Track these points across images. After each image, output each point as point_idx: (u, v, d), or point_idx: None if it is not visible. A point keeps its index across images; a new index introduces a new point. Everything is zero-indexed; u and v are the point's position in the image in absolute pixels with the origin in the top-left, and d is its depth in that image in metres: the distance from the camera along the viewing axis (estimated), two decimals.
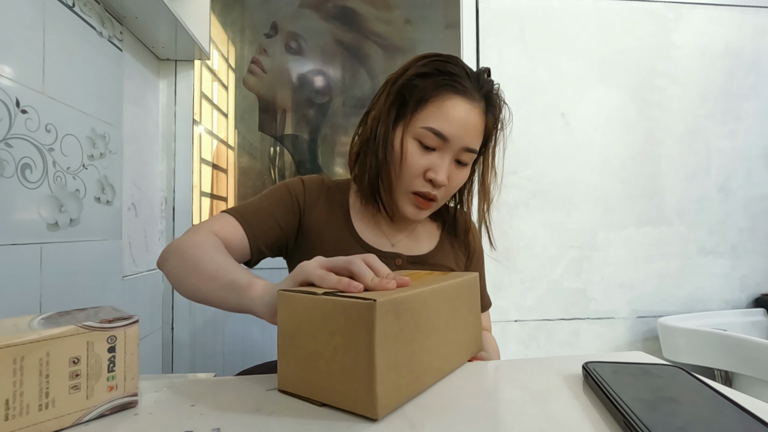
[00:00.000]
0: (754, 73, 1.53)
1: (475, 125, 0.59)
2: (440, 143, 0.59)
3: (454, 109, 0.58)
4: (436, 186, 0.60)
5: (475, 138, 0.60)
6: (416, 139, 0.59)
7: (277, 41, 1.40)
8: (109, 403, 0.33)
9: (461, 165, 0.62)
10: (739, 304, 1.51)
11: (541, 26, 1.45)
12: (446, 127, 0.58)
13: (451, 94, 0.58)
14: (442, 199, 0.63)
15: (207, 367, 1.28)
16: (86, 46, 0.86)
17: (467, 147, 0.60)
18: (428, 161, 0.59)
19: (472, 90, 0.59)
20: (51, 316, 0.34)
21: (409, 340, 0.35)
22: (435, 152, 0.59)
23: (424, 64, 0.60)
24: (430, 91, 0.58)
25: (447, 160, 0.59)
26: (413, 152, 0.59)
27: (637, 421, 0.28)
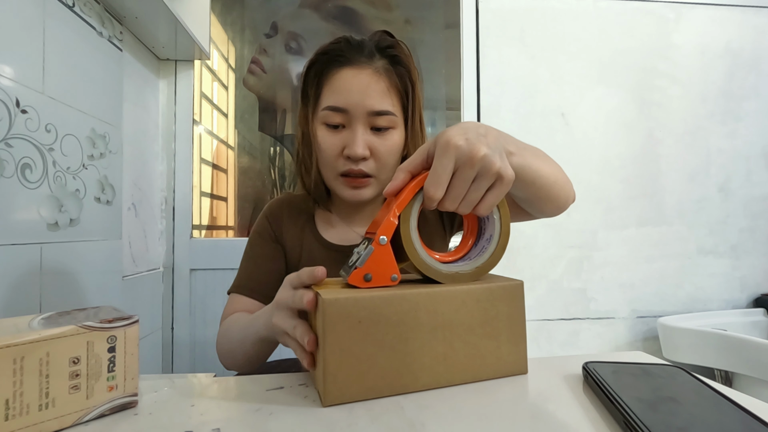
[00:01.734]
0: (754, 73, 1.53)
1: (369, 85, 0.57)
2: (344, 118, 0.58)
3: (342, 80, 0.58)
4: (356, 160, 0.58)
5: (379, 99, 0.57)
6: (323, 123, 0.60)
7: (277, 41, 1.40)
8: (109, 403, 0.33)
9: (381, 131, 0.59)
10: (739, 304, 1.51)
11: (541, 26, 1.45)
12: (340, 99, 0.57)
13: (335, 69, 0.58)
14: (378, 171, 0.60)
15: (207, 367, 1.28)
16: (86, 46, 0.86)
17: (372, 110, 0.57)
18: (341, 139, 0.59)
19: (357, 55, 0.58)
20: (51, 316, 0.34)
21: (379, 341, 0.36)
22: (345, 129, 0.59)
23: (312, 58, 0.62)
24: (320, 75, 0.60)
25: (358, 131, 0.57)
26: (324, 136, 0.59)
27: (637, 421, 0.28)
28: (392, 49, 0.61)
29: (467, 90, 1.42)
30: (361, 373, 0.35)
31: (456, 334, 0.38)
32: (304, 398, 0.36)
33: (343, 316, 0.35)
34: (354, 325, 0.35)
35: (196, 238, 1.31)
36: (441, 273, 0.40)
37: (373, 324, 0.35)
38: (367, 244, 0.38)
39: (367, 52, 0.59)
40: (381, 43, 0.60)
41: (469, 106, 1.42)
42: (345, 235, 0.68)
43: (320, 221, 0.69)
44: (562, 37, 1.45)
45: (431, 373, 0.37)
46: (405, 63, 0.61)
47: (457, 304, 0.38)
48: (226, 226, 1.40)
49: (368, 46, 0.60)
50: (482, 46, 1.43)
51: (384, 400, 0.36)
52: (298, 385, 0.40)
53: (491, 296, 0.40)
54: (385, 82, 0.58)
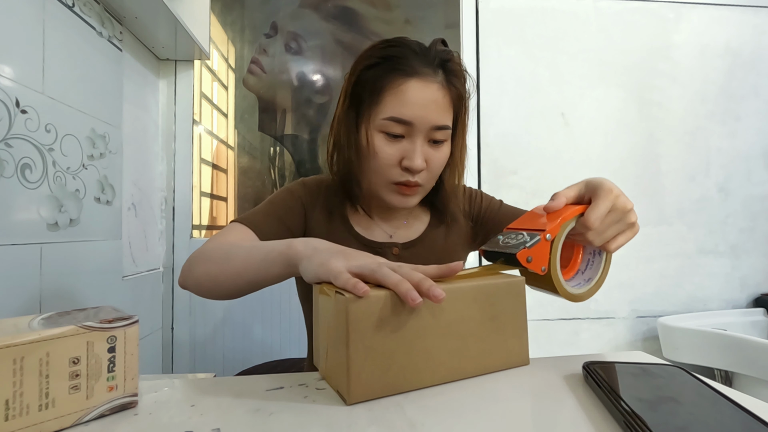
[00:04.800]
0: (753, 72, 1.53)
1: (435, 101, 0.57)
2: (406, 129, 0.57)
3: (409, 92, 0.56)
4: (414, 172, 0.59)
5: (442, 114, 0.58)
6: (381, 131, 0.58)
7: (277, 41, 1.40)
8: (109, 403, 0.33)
9: (437, 143, 0.60)
10: (739, 303, 1.51)
11: (541, 26, 1.45)
12: (406, 112, 0.56)
13: (402, 78, 0.57)
14: (427, 182, 0.62)
15: (207, 367, 1.28)
16: (86, 46, 0.86)
17: (435, 125, 0.58)
18: (399, 150, 0.58)
19: (423, 66, 0.57)
20: (51, 317, 0.34)
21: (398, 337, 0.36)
22: (404, 139, 0.58)
23: (369, 56, 0.59)
24: (381, 81, 0.57)
25: (419, 143, 0.58)
26: (381, 145, 0.58)
27: (637, 421, 0.28)
28: (451, 62, 0.60)
29: None
30: (383, 370, 0.36)
31: (468, 329, 0.40)
32: (304, 398, 0.36)
33: (366, 314, 0.35)
34: (375, 323, 0.35)
35: (196, 238, 1.31)
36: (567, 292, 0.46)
37: (392, 321, 0.36)
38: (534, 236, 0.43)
39: (433, 64, 0.58)
40: (442, 55, 0.60)
41: None
42: (375, 232, 0.68)
43: (353, 217, 0.69)
44: (562, 37, 1.45)
45: (447, 367, 0.39)
46: (462, 77, 0.61)
47: (468, 301, 0.40)
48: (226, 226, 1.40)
49: (433, 59, 0.59)
50: (482, 46, 1.43)
51: (384, 399, 0.36)
52: (298, 385, 0.40)
53: (498, 292, 0.42)
54: (447, 96, 0.59)
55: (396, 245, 0.67)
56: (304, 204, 0.67)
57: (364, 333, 0.35)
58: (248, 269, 0.48)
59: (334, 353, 0.37)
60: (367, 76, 0.59)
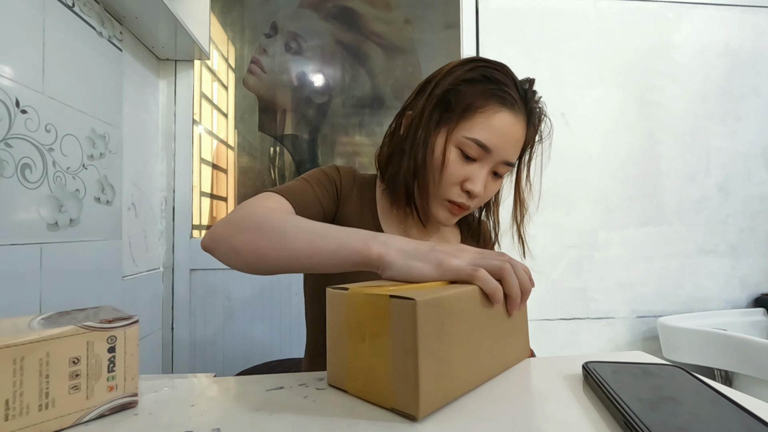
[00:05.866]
0: (753, 72, 1.53)
1: (517, 138, 0.59)
2: (482, 154, 0.58)
3: (501, 122, 0.57)
4: (471, 197, 0.60)
5: (516, 151, 0.60)
6: (458, 147, 0.58)
7: (277, 41, 1.40)
8: (109, 403, 0.33)
9: (497, 176, 0.62)
10: (739, 303, 1.51)
11: (541, 26, 1.45)
12: (491, 140, 0.57)
13: (498, 106, 0.57)
14: (474, 207, 0.63)
15: (207, 367, 1.28)
16: (86, 46, 0.86)
17: (507, 160, 0.59)
18: (468, 171, 0.59)
19: (518, 102, 0.58)
20: (51, 317, 0.34)
21: (452, 341, 0.35)
22: (475, 163, 0.59)
23: (471, 69, 0.58)
24: (477, 100, 0.57)
25: (486, 171, 0.59)
26: (454, 161, 0.58)
27: (637, 421, 0.28)
28: (537, 104, 0.62)
29: None
30: (444, 376, 0.34)
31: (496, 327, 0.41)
32: (304, 398, 0.36)
33: (431, 319, 0.33)
34: (438, 327, 0.33)
35: (196, 238, 1.31)
36: None
37: (448, 325, 0.34)
38: None
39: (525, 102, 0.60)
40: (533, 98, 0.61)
41: None
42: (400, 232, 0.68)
43: (383, 218, 0.68)
44: (562, 37, 1.45)
45: (485, 367, 0.39)
46: (540, 121, 0.63)
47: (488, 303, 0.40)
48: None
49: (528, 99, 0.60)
50: (482, 46, 1.43)
51: None
52: (298, 385, 0.40)
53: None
54: (524, 136, 0.60)
55: None
56: (339, 188, 0.66)
57: (430, 339, 0.32)
58: (312, 256, 0.44)
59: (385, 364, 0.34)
60: (464, 89, 0.58)
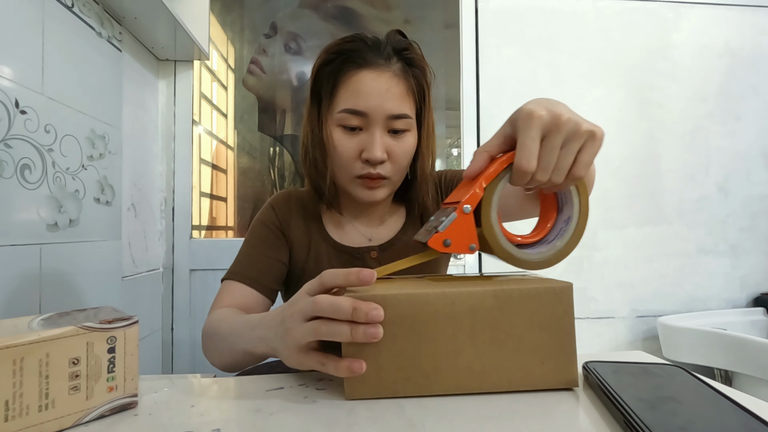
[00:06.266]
0: (753, 72, 1.53)
1: (389, 90, 0.57)
2: (362, 121, 0.57)
3: (361, 83, 0.56)
4: (374, 163, 0.58)
5: (399, 102, 0.57)
6: (339, 125, 0.58)
7: (277, 41, 1.40)
8: (109, 403, 0.33)
9: (398, 133, 0.59)
10: (739, 303, 1.51)
11: (541, 26, 1.45)
12: (360, 103, 0.56)
13: (354, 70, 0.57)
14: (393, 174, 0.60)
15: (207, 368, 1.28)
16: (85, 47, 0.86)
17: (392, 114, 0.57)
18: (358, 142, 0.58)
19: (375, 57, 0.57)
20: (51, 317, 0.34)
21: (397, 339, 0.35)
22: (362, 132, 0.58)
23: (325, 52, 0.60)
24: (336, 75, 0.58)
25: (377, 134, 0.57)
26: (339, 138, 0.58)
27: (638, 420, 0.28)
28: (407, 51, 0.60)
29: (467, 90, 1.42)
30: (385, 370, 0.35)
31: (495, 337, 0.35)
32: (304, 398, 0.36)
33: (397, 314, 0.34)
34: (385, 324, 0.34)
35: (195, 238, 1.31)
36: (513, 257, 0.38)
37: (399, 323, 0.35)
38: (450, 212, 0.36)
39: (386, 54, 0.58)
40: (397, 45, 0.59)
41: (468, 106, 1.42)
42: (353, 236, 0.68)
43: (328, 221, 0.68)
44: (561, 37, 1.45)
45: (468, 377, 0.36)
46: (420, 65, 0.61)
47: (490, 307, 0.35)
48: (226, 226, 1.40)
49: (386, 48, 0.59)
50: (481, 46, 1.43)
51: (384, 400, 0.36)
52: (298, 385, 0.40)
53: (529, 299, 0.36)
54: (403, 85, 0.58)
55: (373, 248, 0.66)
56: (279, 227, 0.67)
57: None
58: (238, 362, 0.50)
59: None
60: (324, 72, 0.59)
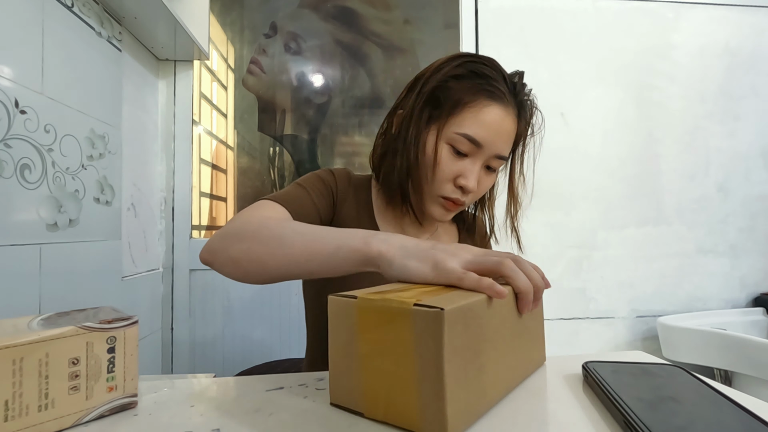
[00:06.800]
0: (753, 72, 1.53)
1: (508, 132, 0.59)
2: (473, 149, 0.58)
3: (490, 116, 0.57)
4: (465, 192, 0.60)
5: (507, 144, 0.60)
6: (449, 143, 0.58)
7: (277, 41, 1.40)
8: (109, 403, 0.33)
9: (490, 170, 0.62)
10: (739, 303, 1.51)
11: (541, 26, 1.45)
12: (481, 134, 0.57)
13: (487, 100, 0.57)
14: (468, 202, 0.63)
15: (207, 368, 1.28)
16: (85, 47, 0.86)
17: (499, 154, 0.59)
18: (460, 167, 0.59)
19: (507, 95, 0.58)
20: (50, 317, 0.34)
21: (477, 352, 0.31)
22: (467, 158, 0.59)
23: (458, 65, 0.59)
24: (466, 95, 0.57)
25: (478, 166, 0.59)
26: (446, 157, 0.58)
27: (637, 420, 0.28)
28: (527, 97, 0.62)
29: None
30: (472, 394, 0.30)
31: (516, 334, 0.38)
32: (304, 398, 0.36)
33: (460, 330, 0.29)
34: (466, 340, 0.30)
35: (195, 238, 1.31)
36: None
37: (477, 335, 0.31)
38: None
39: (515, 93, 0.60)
40: (522, 90, 0.61)
41: None
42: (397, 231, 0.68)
43: (379, 216, 0.67)
44: (561, 36, 1.45)
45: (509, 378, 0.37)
46: (531, 114, 0.63)
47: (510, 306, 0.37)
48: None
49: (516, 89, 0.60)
50: (481, 46, 1.43)
51: None
52: (298, 385, 0.40)
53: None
54: (515, 129, 0.60)
55: None
56: (334, 192, 0.65)
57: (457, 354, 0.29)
58: (311, 259, 0.43)
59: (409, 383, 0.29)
60: (453, 86, 0.58)
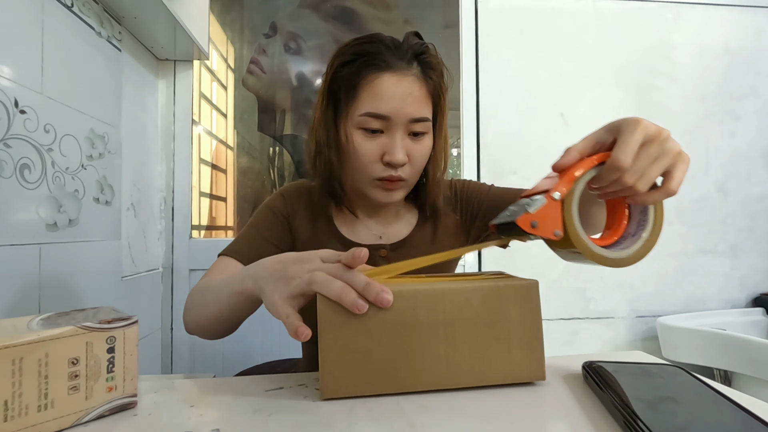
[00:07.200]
0: (752, 72, 1.53)
1: (411, 93, 0.57)
2: (383, 124, 0.57)
3: (384, 86, 0.56)
4: (396, 166, 0.58)
5: (419, 106, 0.58)
6: (359, 127, 0.58)
7: (276, 41, 1.40)
8: (109, 403, 0.33)
9: (417, 136, 0.60)
10: (738, 303, 1.51)
11: (541, 26, 1.45)
12: (382, 106, 0.56)
13: (376, 73, 0.57)
14: (410, 176, 0.61)
15: (207, 368, 1.28)
16: (85, 47, 0.86)
17: (413, 117, 0.57)
18: (379, 145, 0.58)
19: (397, 60, 0.57)
20: (50, 317, 0.34)
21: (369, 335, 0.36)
22: (383, 134, 0.58)
23: (341, 53, 0.60)
24: (356, 77, 0.57)
25: (398, 137, 0.57)
26: (360, 141, 0.58)
27: (637, 420, 0.28)
28: (426, 55, 0.61)
29: (466, 90, 1.42)
30: (357, 369, 0.36)
31: (459, 334, 0.37)
32: (303, 398, 0.36)
33: (338, 313, 0.35)
34: (350, 320, 0.35)
35: (195, 238, 1.31)
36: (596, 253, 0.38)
37: (369, 319, 0.36)
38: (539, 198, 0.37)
39: (406, 57, 0.58)
40: (416, 48, 0.60)
41: (468, 106, 1.42)
42: (363, 234, 0.68)
43: (338, 218, 0.68)
44: (561, 37, 1.45)
45: (433, 373, 0.37)
46: (438, 69, 0.61)
47: (460, 303, 0.38)
48: (226, 226, 1.40)
49: (407, 52, 0.59)
50: (481, 46, 1.43)
51: (384, 400, 0.36)
52: (298, 385, 0.40)
53: (499, 296, 0.38)
54: (423, 89, 0.59)
55: (384, 247, 0.66)
56: (286, 215, 0.67)
57: (336, 331, 0.35)
58: (223, 313, 0.48)
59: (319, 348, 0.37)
60: (342, 74, 0.59)
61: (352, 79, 0.58)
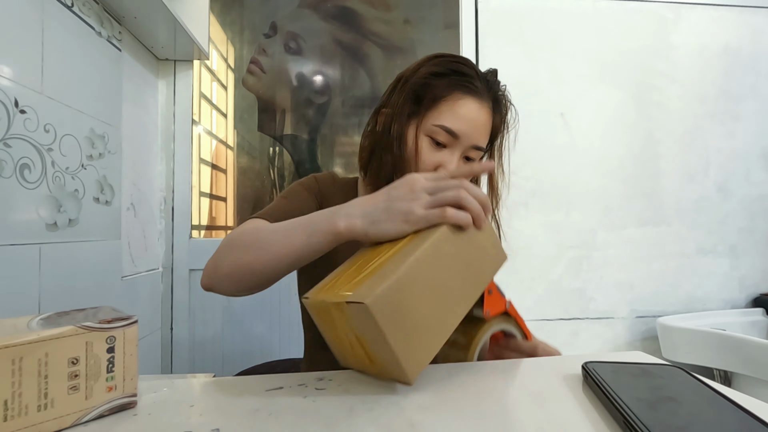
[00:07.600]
0: (752, 72, 1.53)
1: (484, 124, 0.62)
2: (451, 140, 0.61)
3: (466, 108, 0.61)
4: None
5: (483, 136, 0.63)
6: (428, 135, 0.61)
7: (277, 41, 1.40)
8: (108, 403, 0.33)
9: (469, 161, 0.65)
10: (738, 303, 1.51)
11: (541, 26, 1.45)
12: (457, 125, 0.60)
13: (463, 94, 0.61)
14: None
15: (206, 367, 1.28)
16: (85, 46, 0.86)
17: (475, 144, 0.62)
18: (439, 157, 0.62)
19: (482, 90, 0.62)
20: (50, 317, 0.34)
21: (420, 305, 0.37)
22: (446, 149, 0.62)
23: (437, 64, 0.63)
24: (444, 90, 0.61)
25: (456, 156, 0.62)
26: (426, 149, 0.61)
27: (637, 421, 0.28)
28: (501, 93, 0.66)
29: None
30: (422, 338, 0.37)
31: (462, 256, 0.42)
32: (303, 398, 0.36)
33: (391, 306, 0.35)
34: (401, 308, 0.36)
35: (195, 238, 1.31)
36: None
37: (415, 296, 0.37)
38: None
39: (489, 89, 0.63)
40: (496, 87, 0.65)
41: None
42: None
43: None
44: (561, 37, 1.45)
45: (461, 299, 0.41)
46: (506, 109, 0.67)
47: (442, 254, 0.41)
48: (226, 226, 1.40)
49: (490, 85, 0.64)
50: (481, 46, 1.43)
51: (383, 399, 0.36)
52: (298, 385, 0.40)
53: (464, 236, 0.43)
54: (490, 122, 0.64)
55: None
56: (318, 196, 0.69)
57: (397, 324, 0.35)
58: (290, 253, 0.47)
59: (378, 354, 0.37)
60: (432, 83, 0.61)
61: (440, 91, 0.61)
